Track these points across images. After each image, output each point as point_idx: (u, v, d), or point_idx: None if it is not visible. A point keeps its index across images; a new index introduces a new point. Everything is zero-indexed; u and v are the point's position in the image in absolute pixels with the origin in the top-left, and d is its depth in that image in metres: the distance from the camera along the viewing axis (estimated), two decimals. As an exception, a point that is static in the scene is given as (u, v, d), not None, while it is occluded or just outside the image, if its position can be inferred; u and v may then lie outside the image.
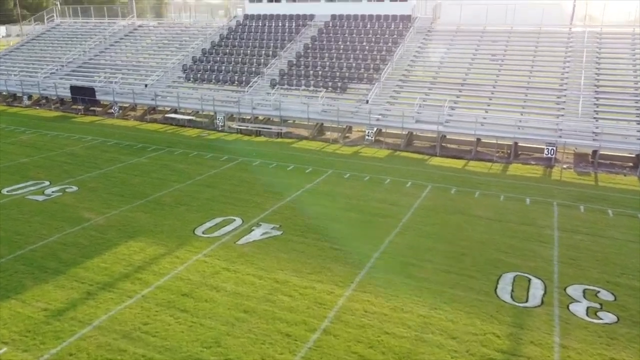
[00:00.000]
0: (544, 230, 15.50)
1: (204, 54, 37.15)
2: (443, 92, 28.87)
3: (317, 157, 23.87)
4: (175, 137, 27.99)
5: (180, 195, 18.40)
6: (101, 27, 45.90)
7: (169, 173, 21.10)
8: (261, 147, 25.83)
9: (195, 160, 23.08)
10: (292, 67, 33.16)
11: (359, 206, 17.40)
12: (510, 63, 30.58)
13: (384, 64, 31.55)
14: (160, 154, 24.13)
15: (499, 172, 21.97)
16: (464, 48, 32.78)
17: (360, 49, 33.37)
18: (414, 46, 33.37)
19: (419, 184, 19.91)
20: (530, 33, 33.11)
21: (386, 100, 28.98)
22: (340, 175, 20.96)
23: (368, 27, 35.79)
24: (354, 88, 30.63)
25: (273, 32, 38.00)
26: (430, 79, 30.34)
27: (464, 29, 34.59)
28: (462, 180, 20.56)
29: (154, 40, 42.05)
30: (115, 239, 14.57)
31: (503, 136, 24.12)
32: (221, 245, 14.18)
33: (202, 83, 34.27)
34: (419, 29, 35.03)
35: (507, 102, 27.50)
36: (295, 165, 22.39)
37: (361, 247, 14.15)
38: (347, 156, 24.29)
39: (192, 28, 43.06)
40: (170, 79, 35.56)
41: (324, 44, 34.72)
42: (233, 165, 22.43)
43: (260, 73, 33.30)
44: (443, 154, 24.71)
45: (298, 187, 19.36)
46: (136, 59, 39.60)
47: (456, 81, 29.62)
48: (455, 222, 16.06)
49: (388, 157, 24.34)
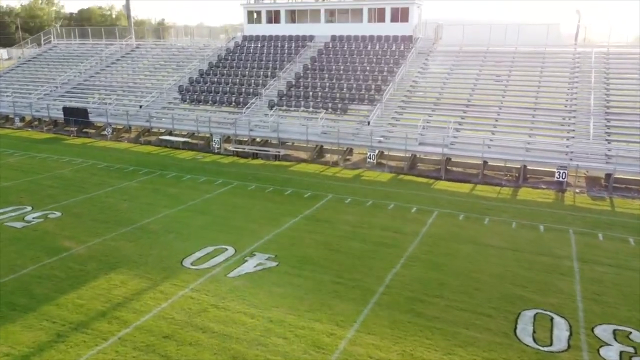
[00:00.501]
0: (563, 261, 14.25)
1: (201, 75, 36.35)
2: (447, 113, 27.89)
3: (317, 181, 22.74)
4: (169, 159, 26.90)
5: (169, 221, 17.20)
6: (98, 49, 45.29)
7: (160, 198, 19.93)
8: (258, 170, 24.73)
9: (188, 184, 21.93)
10: (291, 88, 32.28)
11: (361, 234, 16.18)
12: (515, 84, 29.68)
13: (386, 85, 30.67)
14: (152, 178, 22.99)
15: (508, 196, 20.80)
16: (468, 69, 31.95)
17: (361, 69, 32.55)
18: (415, 67, 32.56)
19: (424, 210, 18.72)
20: (534, 54, 32.33)
21: (388, 121, 27.99)
22: (340, 201, 19.79)
23: (369, 47, 35.06)
24: (355, 109, 29.68)
25: (272, 53, 37.28)
26: (433, 100, 29.40)
27: (466, 50, 33.83)
28: (470, 205, 19.37)
29: (151, 62, 41.34)
30: (95, 271, 13.31)
31: (512, 159, 23.01)
32: (211, 279, 12.92)
33: (198, 104, 33.35)
34: (421, 49, 34.27)
35: (514, 123, 26.50)
36: (294, 189, 21.23)
37: (364, 281, 12.89)
38: (347, 180, 23.16)
39: (190, 49, 42.42)
40: (166, 100, 34.66)
41: (324, 64, 33.94)
42: (227, 189, 21.27)
43: (258, 94, 32.41)
44: (448, 178, 23.58)
45: (296, 213, 18.16)
46: (132, 80, 38.79)
47: (460, 102, 28.68)
48: (466, 252, 14.82)
49: (391, 180, 23.20)
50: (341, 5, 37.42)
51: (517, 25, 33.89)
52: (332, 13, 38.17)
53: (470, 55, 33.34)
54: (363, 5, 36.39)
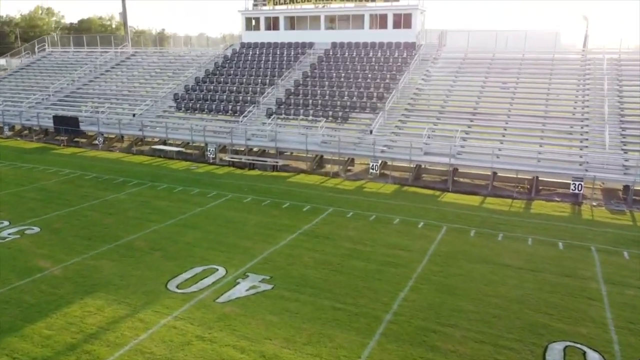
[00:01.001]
0: (589, 284, 12.89)
1: (197, 83, 35.17)
2: (452, 122, 26.65)
3: (316, 193, 21.41)
4: (161, 170, 25.60)
5: (157, 238, 15.84)
6: (93, 57, 44.19)
7: (148, 212, 18.59)
8: (254, 181, 23.41)
9: (179, 197, 20.61)
10: (290, 96, 31.07)
11: (364, 252, 14.82)
12: (523, 91, 28.48)
13: (388, 93, 29.46)
14: (142, 190, 21.67)
15: (521, 210, 19.46)
16: (473, 76, 30.77)
17: (363, 77, 31.37)
18: (419, 74, 31.38)
19: (432, 225, 17.37)
20: (542, 60, 31.18)
21: (391, 130, 26.73)
22: (342, 214, 18.45)
23: (370, 54, 33.91)
24: (357, 118, 28.44)
25: (271, 60, 36.15)
26: (438, 108, 28.17)
27: (472, 57, 32.68)
28: (481, 220, 18.02)
29: (146, 69, 40.20)
30: (69, 296, 11.94)
31: (523, 170, 21.70)
32: (197, 304, 11.55)
33: (194, 113, 32.13)
34: (425, 56, 33.13)
35: (524, 132, 25.23)
36: (292, 202, 19.90)
37: (369, 307, 11.52)
38: (349, 192, 21.84)
39: (187, 56, 41.32)
40: (161, 109, 33.45)
41: (324, 72, 32.78)
42: (221, 202, 19.94)
43: (255, 102, 31.20)
44: (456, 190, 22.26)
45: (294, 228, 16.82)
46: (127, 88, 37.62)
47: (466, 110, 27.45)
48: (481, 273, 13.45)
49: (395, 192, 21.87)
50: (342, 12, 36.33)
51: (524, 32, 32.72)
52: (332, 19, 37.10)
53: (476, 62, 32.18)
54: (364, 11, 35.32)
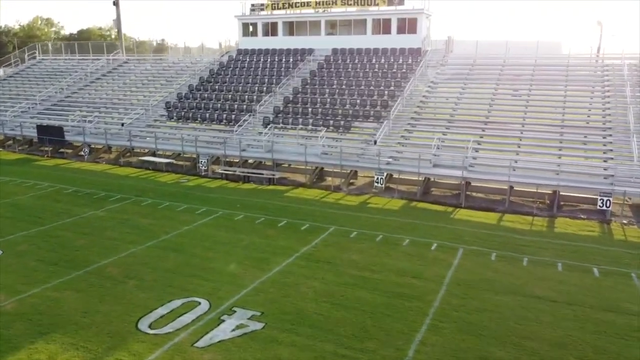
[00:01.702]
0: (638, 321, 10.87)
1: (190, 91, 33.37)
2: (463, 131, 24.78)
3: (316, 209, 19.45)
4: (149, 183, 23.65)
5: (133, 263, 13.85)
6: (85, 64, 42.45)
7: (128, 231, 16.61)
8: (248, 196, 21.46)
9: (164, 214, 18.64)
10: (289, 104, 29.24)
11: (371, 281, 12.82)
12: (538, 99, 26.64)
13: (393, 101, 27.61)
14: (124, 205, 19.72)
15: (544, 229, 17.47)
16: (483, 83, 28.96)
17: (366, 84, 29.56)
18: (425, 81, 29.57)
19: (447, 247, 15.38)
20: (556, 66, 29.40)
21: (397, 140, 24.83)
22: (344, 234, 16.47)
23: (374, 61, 32.14)
24: (359, 127, 26.56)
25: (268, 67, 34.38)
26: (447, 117, 26.29)
27: (481, 63, 30.89)
28: (502, 241, 16.03)
29: (138, 77, 38.43)
30: (18, 339, 9.93)
31: (544, 184, 19.75)
32: (172, 350, 9.54)
33: (186, 122, 30.28)
34: (431, 62, 31.35)
35: (540, 143, 23.33)
36: (289, 220, 17.93)
37: (380, 352, 9.51)
38: (352, 208, 19.87)
39: (181, 63, 39.57)
40: (152, 118, 31.60)
41: (325, 79, 30.97)
42: (210, 220, 17.97)
43: (252, 111, 29.34)
44: (469, 205, 20.31)
45: (290, 251, 14.83)
46: (117, 97, 35.80)
47: (477, 119, 25.57)
48: (509, 308, 11.44)
49: (403, 208, 19.91)
50: (343, 16, 34.63)
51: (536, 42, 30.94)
52: (333, 25, 35.39)
53: (486, 69, 30.38)
54: (367, 15, 33.61)
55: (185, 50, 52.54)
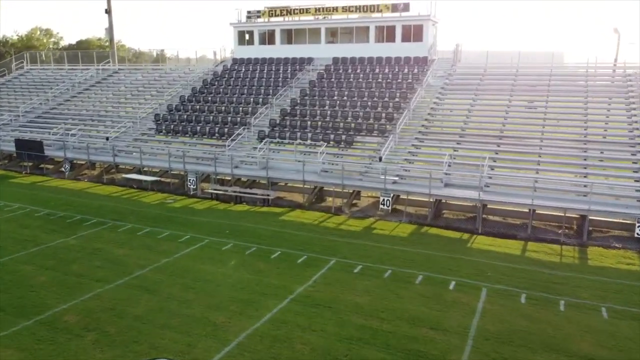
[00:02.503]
0: None
1: (182, 102, 31.32)
2: (475, 147, 22.66)
3: (315, 237, 17.24)
4: (131, 204, 21.48)
5: (96, 309, 11.63)
6: (73, 74, 40.46)
7: (98, 265, 14.41)
8: (240, 219, 19.27)
9: (143, 242, 16.45)
10: (286, 117, 27.16)
11: (380, 333, 10.59)
12: (556, 111, 24.56)
13: (399, 113, 25.52)
14: (99, 231, 17.54)
15: (576, 261, 15.26)
16: (496, 94, 26.89)
17: (369, 95, 27.49)
18: (433, 92, 27.49)
19: (467, 286, 13.16)
20: (574, 76, 27.39)
21: (404, 156, 22.70)
22: (347, 269, 14.26)
23: (377, 70, 30.12)
24: (362, 142, 24.44)
25: (265, 77, 32.36)
26: (457, 131, 24.18)
27: (492, 73, 28.85)
28: (530, 277, 13.82)
29: (128, 87, 36.41)
30: None
31: (572, 207, 17.56)
32: None
33: (175, 136, 28.18)
34: (438, 72, 29.31)
35: (563, 160, 21.22)
36: (284, 250, 15.73)
37: None
38: (356, 235, 17.67)
39: (174, 73, 37.55)
40: (139, 131, 29.51)
41: (325, 90, 28.92)
42: (194, 250, 15.77)
43: (246, 124, 27.25)
44: (487, 231, 18.12)
45: (284, 292, 12.62)
46: (104, 108, 33.76)
47: (491, 134, 23.45)
48: (554, 374, 9.22)
49: (413, 235, 17.70)
50: (344, 23, 32.67)
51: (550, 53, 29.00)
52: (333, 32, 33.42)
53: (497, 79, 28.32)
54: (369, 22, 31.65)
55: (185, 61, 50.59)
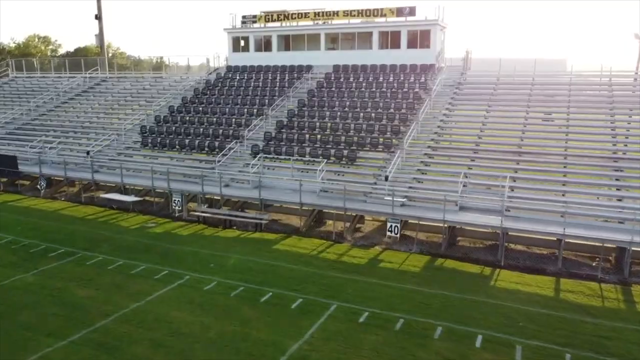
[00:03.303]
0: None
1: (171, 113, 29.08)
2: (493, 165, 20.39)
3: (313, 272, 14.90)
4: (107, 229, 19.15)
5: (38, 379, 9.31)
6: (59, 82, 38.26)
7: (53, 312, 12.09)
8: (228, 248, 16.95)
9: (112, 280, 14.12)
10: (282, 130, 24.90)
11: (396, 420, 8.26)
12: (579, 124, 22.39)
13: (406, 126, 23.28)
14: (64, 265, 15.22)
15: (621, 305, 12.93)
16: (511, 105, 24.65)
17: (373, 106, 25.24)
18: (442, 103, 25.25)
19: (497, 341, 10.82)
20: (595, 85, 25.19)
21: (412, 175, 20.41)
22: (351, 317, 11.92)
23: (381, 79, 27.91)
24: (366, 158, 22.17)
25: (260, 86, 30.14)
26: (471, 145, 21.93)
27: (506, 81, 26.61)
28: (570, 329, 11.47)
29: (115, 97, 34.19)
30: None
31: (611, 239, 15.22)
32: None
33: (163, 150, 25.92)
34: (448, 81, 27.08)
35: (592, 179, 18.95)
36: (275, 290, 13.40)
37: None
38: (360, 269, 15.33)
39: (165, 81, 35.36)
40: (124, 145, 27.25)
41: (325, 100, 26.68)
42: (171, 290, 13.45)
43: (239, 137, 24.98)
44: (510, 264, 15.81)
45: (274, 351, 10.28)
46: (89, 119, 31.52)
47: (508, 149, 21.19)
48: None
49: (426, 270, 15.36)
50: (346, 29, 30.49)
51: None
52: (334, 38, 31.25)
53: (513, 89, 26.08)
54: (373, 28, 29.49)
55: (184, 69, 48.49)
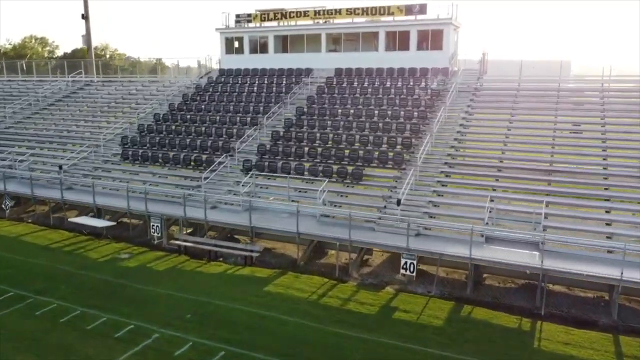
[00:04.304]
0: None
1: (156, 122, 26.28)
2: (521, 185, 17.58)
3: (311, 328, 12.06)
4: (71, 262, 16.32)
5: None
6: (40, 86, 35.45)
7: (-29, 395, 9.30)
8: (210, 291, 14.12)
9: (61, 340, 11.30)
10: (278, 142, 22.12)
11: None
12: (617, 136, 19.54)
13: (418, 138, 20.49)
14: (7, 316, 12.42)
15: None
16: (536, 114, 21.86)
17: (380, 114, 22.43)
18: (458, 112, 22.44)
19: None
20: (631, 92, 22.36)
21: (428, 197, 17.57)
22: (362, 404, 9.10)
23: (388, 84, 25.09)
24: (374, 176, 19.32)
25: (255, 91, 27.32)
26: (495, 162, 19.12)
27: (529, 87, 23.78)
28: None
29: (98, 103, 31.41)
30: None
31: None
32: None
33: (144, 164, 23.11)
34: (463, 86, 24.24)
35: (639, 204, 16.14)
36: (264, 358, 10.56)
37: None
38: (370, 322, 12.48)
39: (152, 86, 32.57)
40: (103, 158, 24.45)
41: (326, 107, 23.87)
42: (133, 356, 10.61)
43: (229, 150, 22.19)
44: (552, 312, 12.99)
45: None
46: (67, 128, 28.73)
47: (539, 166, 18.37)
48: None
49: (451, 322, 12.52)
50: (349, 29, 27.71)
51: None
52: (336, 39, 28.45)
53: (537, 95, 23.25)
54: (379, 27, 26.72)
55: (183, 70, 45.57)
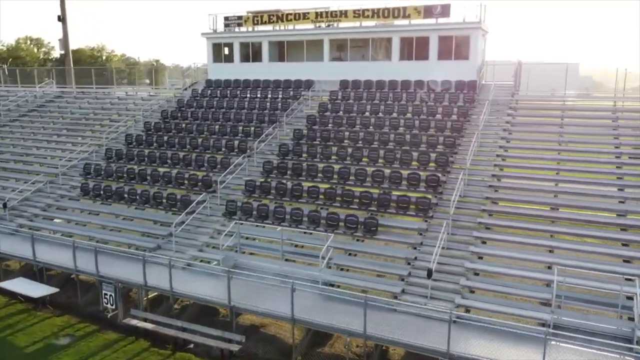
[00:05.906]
0: None
1: (128, 144, 22.09)
2: (594, 247, 13.31)
3: None
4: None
5: None
6: (6, 98, 31.18)
7: None
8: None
9: None
10: (271, 175, 17.85)
11: None
12: None
13: (446, 173, 16.20)
14: None
15: None
16: (592, 139, 17.54)
17: (396, 140, 18.13)
18: (492, 136, 18.15)
19: None
20: None
21: (467, 258, 13.24)
22: None
23: (404, 100, 20.81)
24: (391, 227, 14.96)
25: (246, 107, 23.03)
26: (546, 209, 14.79)
27: (579, 106, 19.48)
28: None
29: (66, 120, 27.18)
30: None
31: None
32: None
33: (108, 201, 18.86)
34: (497, 103, 19.94)
35: None
36: None
37: None
38: None
39: (129, 100, 28.33)
40: (59, 191, 20.20)
41: (330, 130, 19.60)
42: None
43: (211, 185, 17.93)
44: None
45: None
46: (26, 151, 24.50)
47: (604, 216, 14.08)
48: None
49: None
50: (356, 33, 23.44)
51: None
52: (341, 45, 24.18)
53: (589, 114, 18.96)
54: (392, 32, 22.47)
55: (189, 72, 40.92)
